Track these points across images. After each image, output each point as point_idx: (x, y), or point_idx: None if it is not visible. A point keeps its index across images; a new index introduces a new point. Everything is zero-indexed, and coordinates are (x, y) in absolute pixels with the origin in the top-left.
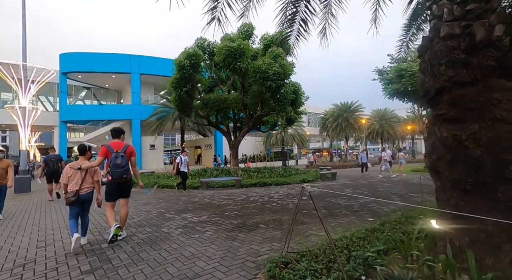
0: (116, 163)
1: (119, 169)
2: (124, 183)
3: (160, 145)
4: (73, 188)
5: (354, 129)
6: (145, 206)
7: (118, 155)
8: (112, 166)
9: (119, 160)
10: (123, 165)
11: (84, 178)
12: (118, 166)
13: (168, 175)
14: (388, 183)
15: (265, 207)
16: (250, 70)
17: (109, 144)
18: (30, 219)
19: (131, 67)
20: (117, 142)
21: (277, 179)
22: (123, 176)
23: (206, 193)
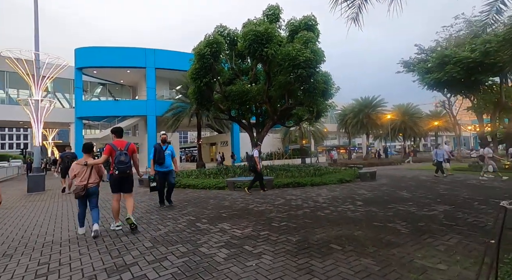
0: (121, 160)
1: (123, 165)
2: (126, 178)
3: (176, 142)
4: (81, 183)
5: (376, 125)
6: (170, 212)
7: (122, 152)
8: (117, 162)
9: (123, 157)
10: (127, 162)
11: (90, 174)
12: (122, 162)
13: (188, 174)
14: (444, 185)
15: (319, 216)
16: (277, 57)
17: (113, 143)
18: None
19: (146, 61)
20: (120, 141)
21: (311, 179)
22: (127, 171)
23: (235, 194)
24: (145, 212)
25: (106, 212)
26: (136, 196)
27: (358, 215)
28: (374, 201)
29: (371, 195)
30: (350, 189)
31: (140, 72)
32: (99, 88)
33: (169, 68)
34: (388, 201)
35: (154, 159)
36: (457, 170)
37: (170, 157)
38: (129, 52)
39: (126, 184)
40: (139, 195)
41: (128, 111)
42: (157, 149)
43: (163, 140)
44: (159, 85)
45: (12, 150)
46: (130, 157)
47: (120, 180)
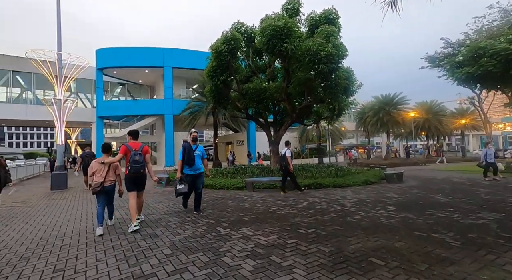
0: (135, 159)
1: (137, 165)
2: (140, 177)
3: None
4: (98, 180)
5: (398, 124)
6: (189, 214)
7: (136, 153)
8: (131, 161)
9: (137, 157)
10: (141, 161)
11: (107, 172)
12: (137, 162)
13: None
14: (483, 188)
15: (349, 223)
16: (297, 53)
17: (128, 144)
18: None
19: (163, 60)
20: (135, 142)
21: (333, 180)
22: (140, 170)
23: (255, 196)
24: (163, 213)
25: (125, 212)
26: (154, 195)
27: (393, 222)
28: (407, 206)
29: (403, 199)
30: (377, 191)
31: (157, 71)
32: (118, 88)
33: (186, 67)
34: (423, 206)
35: (183, 160)
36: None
37: (200, 158)
38: (147, 52)
39: (140, 182)
40: (157, 195)
41: (146, 111)
42: (186, 149)
43: (194, 138)
44: (176, 84)
45: (40, 149)
46: (144, 158)
47: (135, 179)
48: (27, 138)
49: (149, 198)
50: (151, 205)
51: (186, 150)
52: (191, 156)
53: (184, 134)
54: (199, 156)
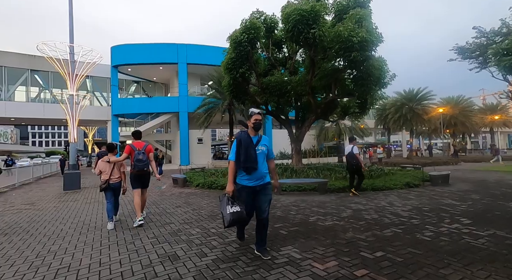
0: (139, 158)
1: (141, 163)
2: (144, 175)
3: (207, 139)
4: (104, 178)
5: (422, 121)
6: (212, 224)
7: (140, 152)
8: (136, 160)
9: (141, 156)
10: (144, 160)
11: (112, 170)
12: (141, 161)
13: (224, 173)
14: None
15: (424, 242)
16: (325, 40)
17: (132, 144)
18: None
19: (178, 56)
20: (139, 142)
21: (371, 182)
22: (144, 168)
23: (284, 200)
24: (183, 222)
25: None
26: (171, 197)
27: (487, 244)
28: (485, 218)
29: (469, 208)
30: (429, 197)
31: (172, 68)
32: (133, 86)
33: (201, 63)
34: (504, 218)
35: (237, 161)
36: None
37: (265, 159)
38: (162, 48)
39: (144, 180)
40: (174, 197)
41: (160, 108)
42: (243, 142)
43: (257, 124)
44: (191, 81)
45: (60, 147)
46: (147, 156)
47: (139, 177)
48: (49, 137)
49: (165, 201)
50: (168, 211)
51: (243, 144)
52: (251, 154)
53: (199, 132)
54: (263, 154)
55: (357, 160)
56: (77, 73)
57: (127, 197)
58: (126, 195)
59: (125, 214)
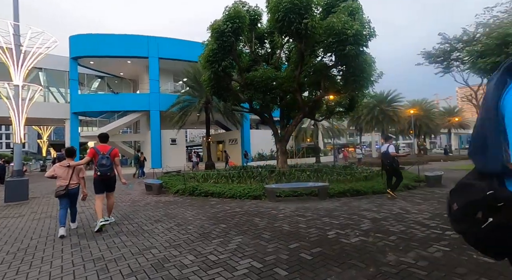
0: (102, 163)
1: (105, 168)
2: (108, 179)
3: (182, 140)
4: (62, 183)
5: (393, 122)
6: (210, 246)
7: (104, 156)
8: (98, 165)
9: (104, 161)
10: (108, 165)
11: (72, 175)
12: (104, 165)
13: (205, 176)
14: None
15: (486, 265)
16: (318, 32)
17: (96, 147)
18: None
19: (148, 50)
20: (104, 145)
21: (371, 185)
22: (108, 173)
23: (284, 209)
24: (168, 246)
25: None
26: (146, 208)
27: None
28: None
29: None
30: (437, 200)
31: (141, 63)
32: (96, 82)
33: (174, 58)
34: None
35: None
36: None
37: None
38: (130, 40)
39: (108, 184)
40: (150, 208)
41: (129, 106)
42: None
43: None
44: (163, 78)
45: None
46: (112, 161)
47: (102, 182)
48: None
49: (139, 214)
50: (146, 228)
51: None
52: None
53: (173, 133)
54: None
55: (393, 160)
56: (24, 60)
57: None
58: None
59: (87, 235)
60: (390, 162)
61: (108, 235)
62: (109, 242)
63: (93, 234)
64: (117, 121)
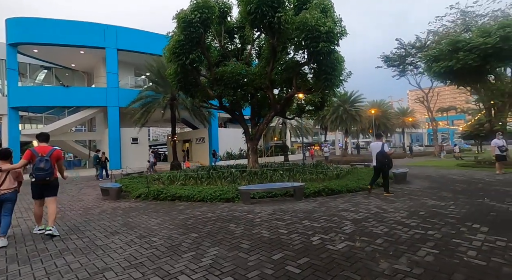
0: (40, 167)
1: (42, 173)
2: (47, 184)
3: (144, 139)
4: None
5: (355, 121)
6: (177, 259)
7: (42, 159)
8: (35, 169)
9: (42, 164)
10: (46, 169)
11: (4, 180)
12: (41, 169)
13: (171, 178)
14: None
15: (477, 267)
16: (291, 27)
17: (34, 148)
18: None
19: (105, 40)
20: (44, 146)
21: (345, 184)
22: (46, 178)
23: (260, 212)
24: (128, 265)
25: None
26: (101, 217)
27: None
28: (489, 222)
29: (456, 208)
30: (408, 198)
31: (97, 54)
32: (42, 73)
33: (135, 50)
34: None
35: None
36: (463, 166)
37: None
38: (83, 28)
39: (48, 189)
40: (106, 217)
41: (82, 101)
42: None
43: None
44: (122, 72)
45: None
46: (53, 164)
47: (40, 186)
48: None
49: (92, 225)
50: (99, 243)
51: None
52: None
53: (134, 131)
54: None
55: (389, 159)
56: None
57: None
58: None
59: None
60: (388, 161)
61: (49, 255)
62: (49, 265)
63: (27, 255)
64: (67, 118)
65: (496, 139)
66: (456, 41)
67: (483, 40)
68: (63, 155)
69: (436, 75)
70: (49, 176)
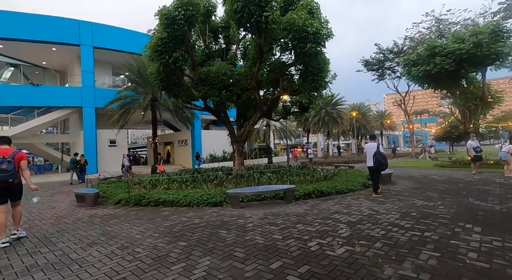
0: (2, 168)
1: (4, 174)
2: (11, 187)
3: (123, 141)
4: None
5: (337, 123)
6: (165, 273)
7: (4, 160)
8: None
9: (4, 165)
10: (9, 170)
11: None
12: (3, 171)
13: (153, 182)
14: (494, 186)
15: (485, 271)
16: (278, 27)
17: None
18: None
19: (80, 37)
20: (5, 148)
21: (333, 185)
22: (9, 180)
23: (251, 217)
24: None
25: None
26: (76, 226)
27: None
28: (479, 221)
29: (445, 208)
30: (397, 198)
31: (71, 51)
32: (8, 71)
33: (113, 49)
34: (497, 219)
35: None
36: (440, 167)
37: None
38: (55, 23)
39: (12, 192)
40: (82, 226)
41: (54, 101)
42: None
43: None
44: (99, 71)
45: None
46: (16, 167)
47: (3, 190)
48: None
49: (66, 235)
50: (74, 256)
51: None
52: None
53: (112, 133)
54: None
55: (386, 159)
56: None
57: None
58: None
59: None
60: (386, 162)
61: (13, 273)
62: None
63: None
64: (37, 119)
65: (471, 141)
66: (433, 46)
67: (458, 46)
68: (28, 159)
69: (415, 78)
70: (12, 178)
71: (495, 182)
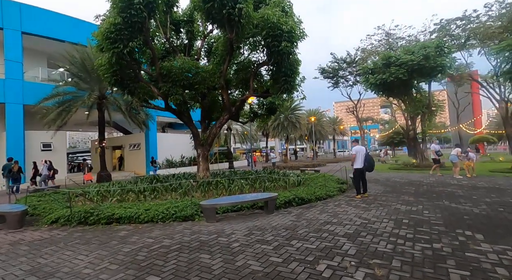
0: None
1: None
2: None
3: (61, 145)
4: None
5: (295, 128)
6: None
7: None
8: None
9: None
10: None
11: None
12: None
13: (102, 193)
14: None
15: None
16: (251, 22)
17: None
18: None
19: (3, 19)
20: None
21: (312, 191)
22: None
23: (232, 232)
24: None
25: None
26: None
27: None
28: (468, 225)
29: (430, 213)
30: (379, 204)
31: None
32: None
33: (49, 36)
34: (501, 225)
35: None
36: (395, 169)
37: None
38: None
39: None
40: (1, 259)
41: None
42: None
43: None
44: (30, 61)
45: None
46: None
47: None
48: None
49: None
50: None
51: None
52: None
53: (47, 135)
54: None
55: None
56: None
57: None
58: None
59: None
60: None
61: None
62: None
63: None
64: None
65: (434, 144)
66: (388, 56)
67: (410, 57)
68: None
69: (372, 86)
70: None
71: (451, 184)
